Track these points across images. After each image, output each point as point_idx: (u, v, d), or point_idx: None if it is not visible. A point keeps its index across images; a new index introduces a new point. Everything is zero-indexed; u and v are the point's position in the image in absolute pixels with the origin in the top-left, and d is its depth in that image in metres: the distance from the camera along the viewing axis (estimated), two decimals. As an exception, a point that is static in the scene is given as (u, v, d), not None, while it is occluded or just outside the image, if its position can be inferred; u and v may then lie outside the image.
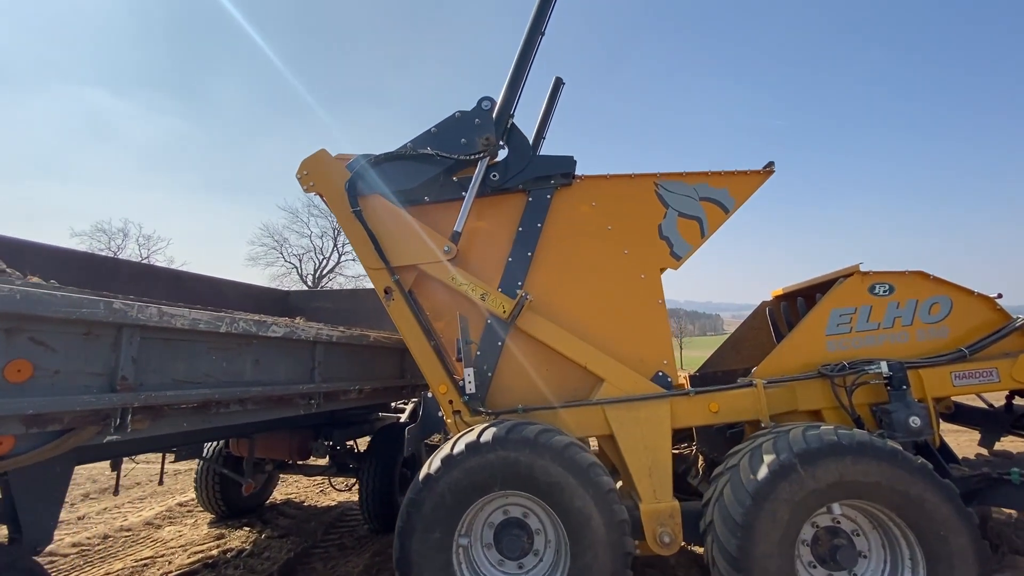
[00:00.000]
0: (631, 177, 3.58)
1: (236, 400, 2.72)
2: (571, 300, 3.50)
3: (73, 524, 5.11)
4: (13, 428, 1.79)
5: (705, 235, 3.51)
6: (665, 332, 3.47)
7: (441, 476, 2.75)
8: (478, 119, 3.50)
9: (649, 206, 3.53)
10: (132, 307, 2.11)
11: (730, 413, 3.31)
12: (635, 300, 3.47)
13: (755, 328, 4.91)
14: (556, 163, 3.57)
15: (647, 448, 3.19)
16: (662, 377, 3.40)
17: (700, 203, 3.53)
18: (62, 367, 1.91)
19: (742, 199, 3.56)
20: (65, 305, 1.87)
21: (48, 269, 3.83)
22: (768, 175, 3.61)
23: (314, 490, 6.46)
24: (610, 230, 3.54)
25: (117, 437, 2.15)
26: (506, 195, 3.60)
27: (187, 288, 5.37)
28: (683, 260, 3.51)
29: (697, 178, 3.55)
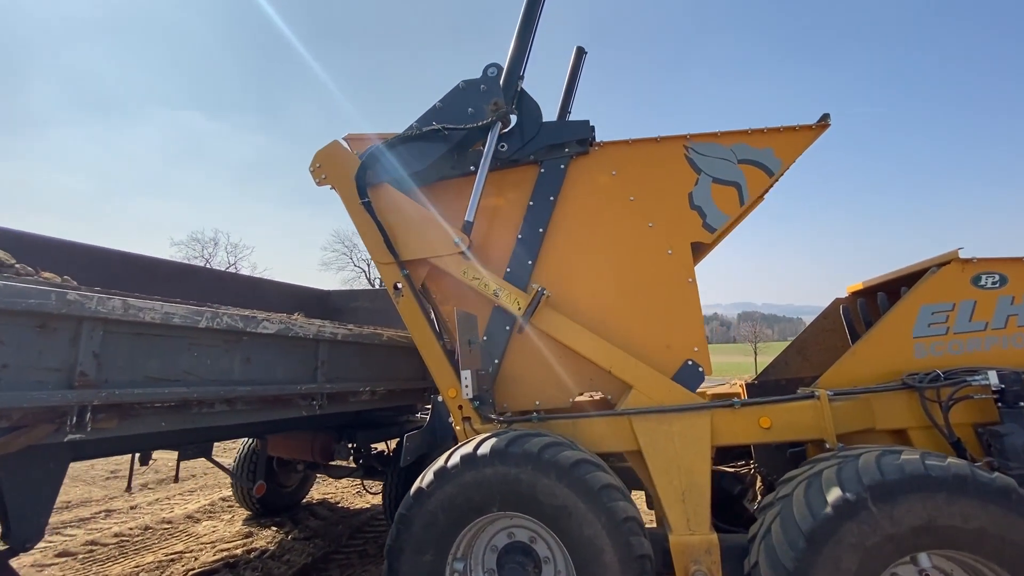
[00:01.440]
0: (657, 141, 3.11)
1: (221, 400, 2.58)
2: (588, 280, 3.11)
3: (124, 513, 5.35)
4: (-48, 424, 1.70)
5: (745, 203, 2.99)
6: (696, 314, 2.97)
7: (434, 491, 2.45)
8: (484, 85, 3.18)
9: (678, 172, 3.05)
10: (91, 299, 1.99)
11: (785, 430, 2.75)
12: (661, 279, 3.01)
13: (826, 329, 4.21)
14: (570, 129, 3.18)
15: (681, 469, 2.71)
16: (692, 367, 2.91)
17: (738, 166, 3.00)
18: (11, 361, 1.80)
19: (790, 159, 3.00)
20: (8, 295, 1.76)
21: (89, 268, 3.99)
22: (822, 130, 3.01)
23: (351, 491, 6.42)
24: (633, 201, 3.09)
25: (79, 436, 2.03)
26: (517, 168, 3.25)
27: (227, 288, 5.46)
28: (718, 232, 3.01)
29: (735, 138, 3.03)
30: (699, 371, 2.91)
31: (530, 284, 3.12)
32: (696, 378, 2.91)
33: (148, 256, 4.60)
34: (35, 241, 3.70)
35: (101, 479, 6.87)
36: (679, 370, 2.93)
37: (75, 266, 3.81)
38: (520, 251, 3.17)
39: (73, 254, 3.95)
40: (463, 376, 2.68)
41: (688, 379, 2.91)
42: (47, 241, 3.79)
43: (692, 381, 2.91)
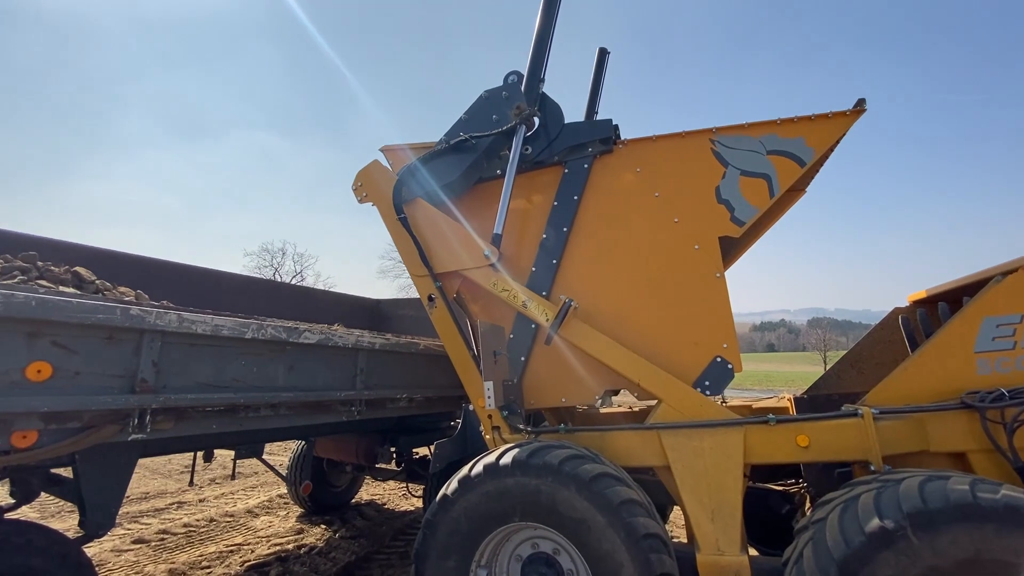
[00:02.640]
0: (682, 136, 3.07)
1: (266, 405, 2.78)
2: (613, 278, 3.10)
3: (193, 506, 5.82)
4: (34, 424, 1.94)
5: (775, 194, 2.88)
6: (724, 310, 2.88)
7: (457, 499, 2.52)
8: (506, 92, 3.28)
9: (704, 166, 2.99)
10: (151, 313, 2.22)
11: (825, 450, 2.60)
12: (688, 274, 2.95)
13: (883, 341, 3.94)
14: (593, 128, 3.21)
15: (711, 487, 2.63)
16: (720, 364, 2.81)
17: (768, 158, 2.89)
18: (82, 369, 2.05)
19: (823, 147, 2.86)
20: (80, 311, 2.00)
21: (164, 282, 4.41)
22: (857, 115, 2.84)
23: (397, 493, 6.63)
24: (658, 197, 3.06)
25: (141, 436, 2.27)
26: (542, 170, 3.32)
27: (282, 298, 5.84)
28: (747, 225, 2.91)
29: (763, 129, 2.93)
30: (728, 368, 2.82)
31: (555, 292, 3.15)
32: (725, 375, 2.82)
33: (215, 270, 5.02)
34: (115, 258, 4.13)
35: (176, 473, 7.49)
36: (707, 367, 2.85)
37: (151, 280, 4.25)
38: (545, 251, 3.21)
39: (148, 269, 4.37)
40: (486, 387, 2.74)
41: (716, 377, 2.83)
42: (126, 258, 4.23)
43: (721, 379, 2.83)
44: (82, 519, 2.65)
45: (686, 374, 2.86)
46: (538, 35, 3.29)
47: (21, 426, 1.91)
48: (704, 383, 2.83)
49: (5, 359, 1.85)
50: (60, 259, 3.26)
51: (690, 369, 2.86)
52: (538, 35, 3.29)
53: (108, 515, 2.67)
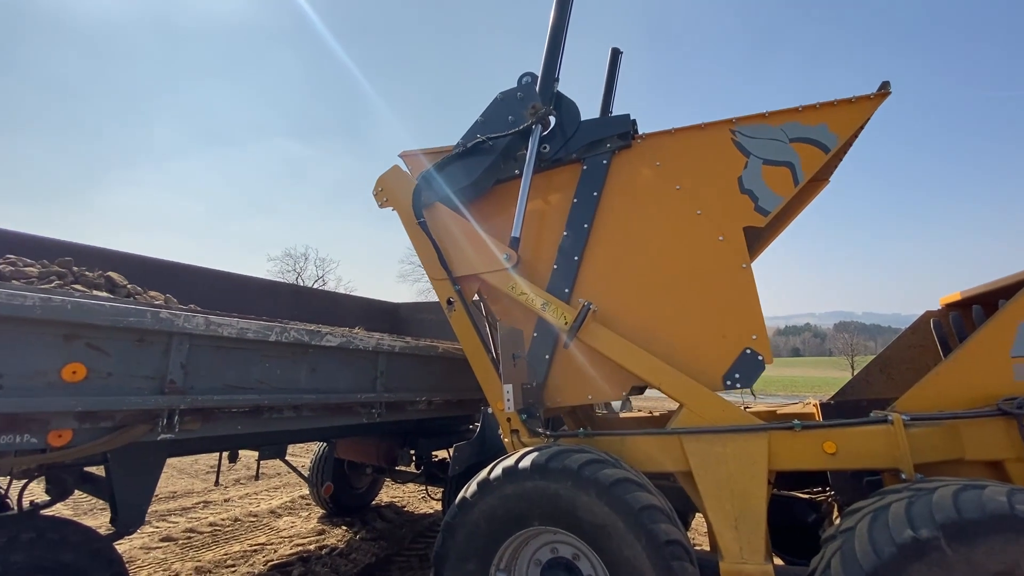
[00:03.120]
0: (701, 128, 3.04)
1: (289, 406, 2.83)
2: (637, 272, 3.07)
3: (218, 505, 5.94)
4: (69, 423, 2.01)
5: (799, 182, 2.83)
6: (752, 301, 2.82)
7: (476, 502, 2.52)
8: (521, 93, 3.31)
9: (725, 157, 2.95)
10: (179, 316, 2.28)
11: (853, 457, 2.53)
12: (714, 266, 2.90)
13: (914, 345, 3.82)
14: (610, 124, 3.21)
15: (734, 494, 2.58)
16: (750, 356, 2.75)
17: (791, 146, 2.85)
18: (115, 370, 2.11)
19: (847, 133, 2.80)
20: (113, 314, 2.06)
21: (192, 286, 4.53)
22: (882, 99, 2.77)
23: (418, 496, 6.67)
24: (679, 190, 3.04)
25: (169, 436, 2.33)
26: (560, 168, 3.32)
27: (305, 301, 5.95)
28: (772, 215, 2.86)
29: (784, 117, 2.88)
30: (759, 360, 2.76)
31: (577, 289, 3.14)
32: (755, 367, 2.76)
33: (240, 274, 5.14)
34: (145, 263, 4.26)
35: (202, 473, 7.67)
36: (737, 360, 2.79)
37: (180, 284, 4.38)
38: (565, 249, 3.20)
39: (177, 274, 4.50)
40: (505, 390, 2.74)
41: (747, 369, 2.77)
42: (155, 263, 4.36)
43: (751, 371, 2.77)
44: (113, 516, 2.74)
45: (715, 367, 2.81)
46: (552, 34, 3.31)
47: (57, 425, 1.98)
48: (734, 376, 2.78)
49: (42, 360, 1.92)
50: (94, 264, 3.38)
51: (719, 362, 2.81)
52: (552, 34, 3.31)
53: (138, 513, 2.76)
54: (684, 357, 2.88)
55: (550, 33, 3.33)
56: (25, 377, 1.87)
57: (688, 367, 2.86)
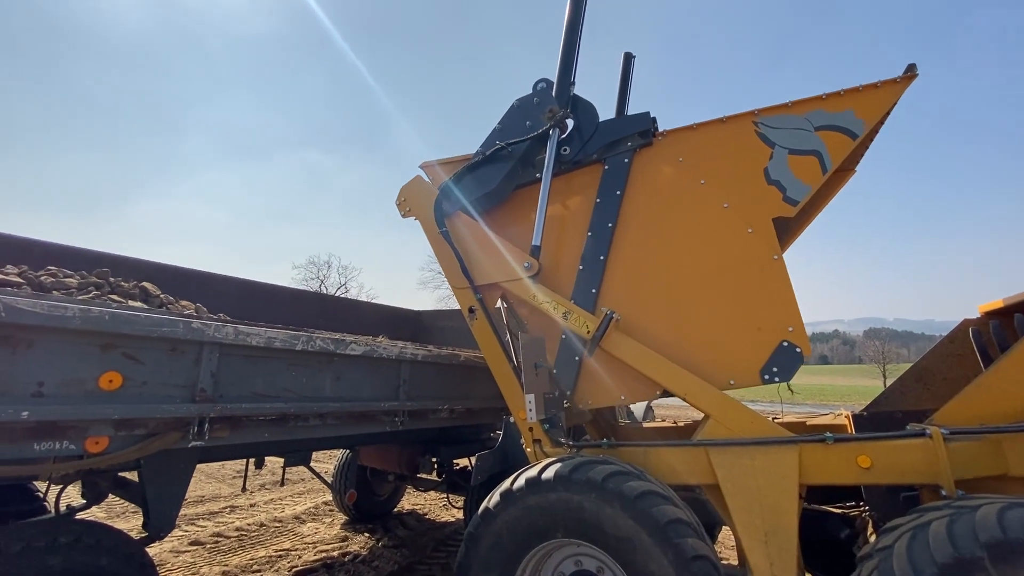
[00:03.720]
0: (723, 121, 3.00)
1: (315, 415, 2.86)
2: (665, 269, 3.03)
3: (244, 510, 6.04)
4: (105, 430, 2.08)
5: (827, 170, 2.77)
6: (787, 292, 2.76)
7: (499, 512, 2.51)
8: (537, 98, 3.33)
9: (750, 149, 2.91)
10: (210, 326, 2.34)
11: (889, 472, 2.44)
12: (745, 259, 2.85)
13: (953, 355, 3.67)
14: (630, 123, 3.19)
15: (764, 508, 2.51)
16: (788, 348, 2.68)
17: (816, 134, 2.80)
18: (149, 379, 2.18)
19: (873, 118, 2.74)
20: (148, 324, 2.13)
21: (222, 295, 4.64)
22: (908, 82, 2.72)
23: (439, 504, 6.67)
24: (704, 185, 3.00)
25: (199, 443, 2.38)
26: (581, 170, 3.31)
27: (329, 309, 6.05)
28: (801, 204, 2.81)
29: (808, 105, 2.84)
30: (796, 352, 2.68)
31: (604, 289, 3.11)
32: (794, 360, 2.68)
33: (267, 283, 5.26)
34: (176, 273, 4.39)
35: (229, 477, 7.81)
36: (773, 353, 2.71)
37: (209, 293, 4.50)
38: (591, 248, 3.17)
39: (206, 283, 4.62)
40: (527, 400, 2.72)
41: (785, 362, 2.70)
42: (186, 272, 4.48)
43: (789, 364, 2.69)
44: (145, 521, 2.80)
45: (752, 362, 2.74)
46: (566, 37, 3.33)
47: (95, 432, 2.04)
48: (772, 370, 2.71)
49: (81, 369, 1.99)
50: (129, 274, 3.49)
51: (755, 357, 2.74)
52: (566, 37, 3.33)
53: (169, 518, 2.81)
54: (719, 353, 2.83)
55: (564, 36, 3.34)
56: (65, 385, 1.94)
57: (724, 363, 2.80)
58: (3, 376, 1.81)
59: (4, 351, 1.82)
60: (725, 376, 2.79)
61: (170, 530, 2.84)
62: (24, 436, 1.89)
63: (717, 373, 2.81)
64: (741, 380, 2.76)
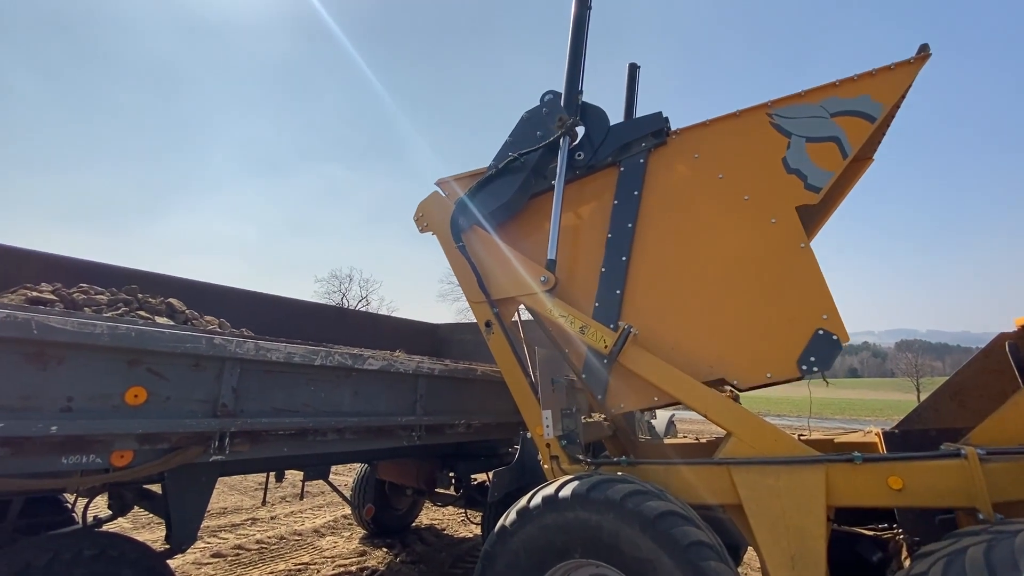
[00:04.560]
0: (736, 115, 2.99)
1: (333, 429, 2.88)
2: (689, 266, 3.00)
3: (265, 523, 6.09)
4: (130, 444, 2.12)
5: (848, 155, 2.73)
6: (817, 280, 2.70)
7: (516, 531, 2.47)
8: (546, 108, 3.36)
9: (765, 140, 2.89)
10: (231, 342, 2.38)
11: (923, 494, 2.34)
12: (770, 250, 2.80)
13: (989, 371, 3.52)
14: (643, 124, 3.20)
15: (789, 530, 2.43)
16: (823, 336, 2.60)
17: (833, 121, 2.77)
18: (172, 394, 2.22)
19: (891, 101, 2.71)
20: (172, 341, 2.18)
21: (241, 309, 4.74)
22: (922, 62, 2.68)
23: (456, 519, 6.63)
24: (722, 179, 2.97)
25: (220, 457, 2.42)
26: (597, 174, 3.32)
27: (348, 323, 6.13)
28: (824, 191, 2.77)
29: (822, 93, 2.81)
30: (833, 340, 2.60)
31: (629, 292, 3.08)
32: (831, 348, 2.60)
33: (288, 297, 5.36)
34: (200, 288, 4.50)
35: (251, 490, 7.90)
36: (809, 343, 2.64)
37: (232, 308, 4.59)
38: (612, 249, 3.15)
39: (228, 298, 4.73)
40: (544, 416, 2.71)
41: (822, 351, 2.62)
42: (210, 287, 4.60)
43: (827, 352, 2.62)
44: (168, 533, 2.84)
45: (787, 354, 2.68)
46: (572, 47, 3.35)
47: (120, 446, 2.09)
48: (809, 360, 2.63)
49: (108, 384, 2.05)
50: (156, 290, 3.60)
51: (791, 348, 2.68)
52: (572, 47, 3.35)
53: (191, 530, 2.85)
54: (753, 347, 2.78)
55: (570, 45, 3.37)
56: (92, 400, 2.00)
57: (759, 357, 2.75)
58: (34, 391, 1.87)
59: (35, 367, 1.88)
60: (762, 370, 2.74)
61: (192, 542, 2.87)
62: (52, 450, 1.94)
63: (753, 367, 2.76)
64: (778, 373, 2.70)
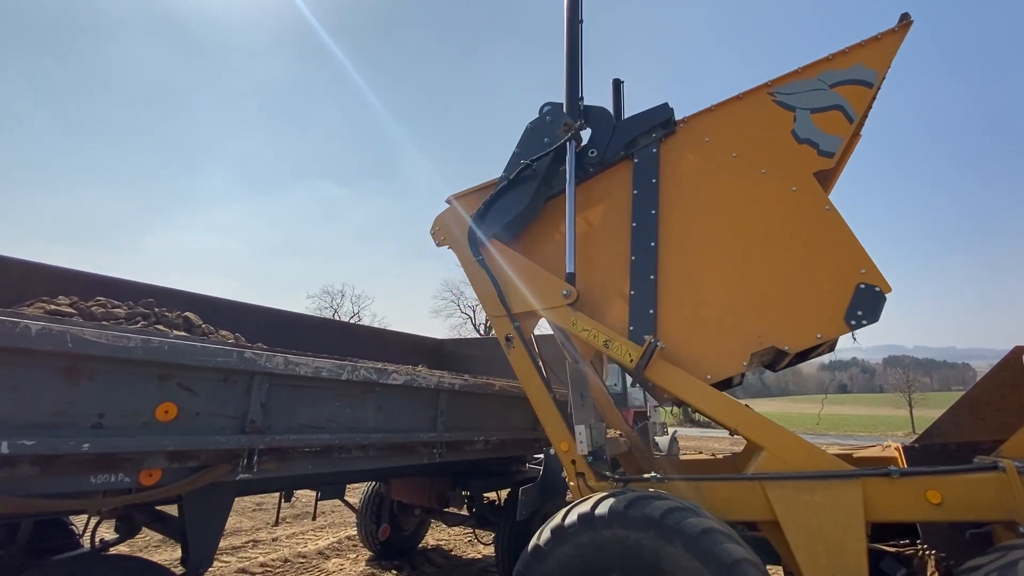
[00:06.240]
0: (739, 98, 3.14)
1: (357, 446, 2.82)
2: (721, 242, 3.07)
3: (267, 544, 5.91)
4: (160, 462, 2.05)
5: (854, 120, 2.88)
6: (848, 237, 2.79)
7: (551, 551, 2.41)
8: (549, 117, 3.45)
9: (772, 117, 3.03)
10: (261, 356, 2.33)
11: (962, 508, 2.33)
12: (796, 216, 2.91)
13: (1006, 384, 3.54)
14: (649, 116, 3.30)
15: (828, 546, 2.40)
16: (866, 290, 2.67)
17: (833, 91, 2.93)
18: (202, 409, 2.16)
19: (883, 66, 2.89)
20: (203, 355, 2.12)
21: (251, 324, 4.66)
22: (906, 29, 2.88)
23: (463, 540, 6.48)
24: (736, 158, 3.09)
25: (248, 476, 2.35)
26: (609, 171, 3.39)
27: (354, 338, 6.05)
28: (837, 155, 2.89)
29: (818, 68, 2.99)
30: (876, 291, 2.67)
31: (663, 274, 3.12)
32: (876, 300, 2.67)
33: (296, 312, 5.29)
34: (211, 303, 4.43)
35: (249, 510, 7.69)
36: (853, 297, 2.70)
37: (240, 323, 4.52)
38: (639, 238, 3.20)
39: (242, 312, 4.67)
40: (577, 432, 2.66)
41: (867, 304, 2.68)
42: (220, 302, 4.53)
43: (873, 305, 2.67)
44: (184, 556, 2.73)
45: (834, 312, 2.73)
46: (568, 58, 3.45)
47: (149, 465, 2.02)
48: (856, 314, 2.69)
49: (138, 400, 1.98)
50: (167, 304, 3.52)
51: (836, 306, 2.73)
52: (568, 58, 3.45)
53: (209, 553, 2.75)
54: (799, 311, 2.83)
55: (567, 56, 3.46)
56: (123, 416, 1.93)
57: (807, 320, 2.81)
58: (65, 407, 1.81)
59: (67, 382, 1.81)
60: (812, 332, 2.80)
61: (208, 566, 2.76)
62: (81, 469, 1.87)
63: (804, 330, 2.82)
64: (828, 331, 2.76)
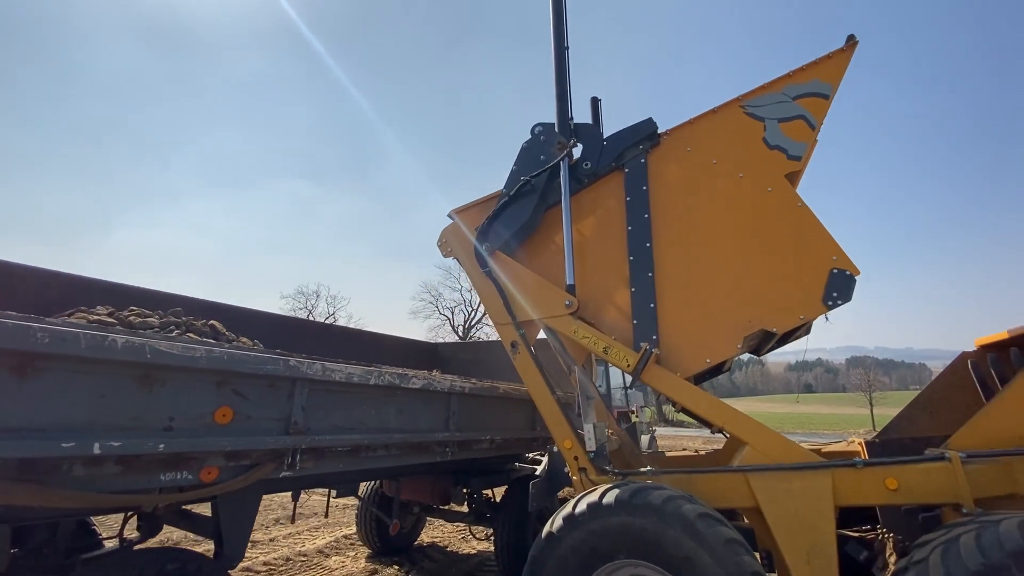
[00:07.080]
0: (714, 111, 3.56)
1: (382, 445, 3.06)
2: (708, 239, 3.44)
3: (266, 545, 6.04)
4: (218, 461, 2.27)
5: (815, 127, 3.32)
6: (819, 229, 3.19)
7: (563, 536, 2.70)
8: (543, 136, 3.78)
9: (744, 127, 3.44)
10: (303, 364, 2.56)
11: (915, 492, 2.72)
12: (773, 213, 3.31)
13: (954, 386, 4.00)
14: (636, 130, 3.66)
15: (804, 527, 2.75)
16: (839, 274, 3.07)
17: (796, 102, 3.37)
18: (253, 413, 2.38)
19: (836, 80, 3.35)
20: (256, 363, 2.34)
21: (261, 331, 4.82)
22: (852, 48, 3.35)
23: (457, 536, 6.72)
24: (716, 164, 3.49)
25: (290, 473, 2.57)
26: (602, 182, 3.74)
27: (355, 343, 6.23)
28: (804, 158, 3.32)
29: (781, 83, 3.42)
30: (847, 275, 3.08)
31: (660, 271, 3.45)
32: (847, 282, 3.07)
33: (298, 318, 5.47)
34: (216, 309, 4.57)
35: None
36: (828, 282, 3.10)
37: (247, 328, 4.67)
38: (635, 240, 3.54)
39: (252, 320, 4.81)
40: (586, 430, 2.96)
41: (840, 286, 3.08)
42: (235, 310, 4.69)
43: (845, 286, 3.08)
44: (218, 551, 2.92)
45: (811, 296, 3.11)
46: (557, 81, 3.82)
47: (210, 464, 2.23)
48: (832, 295, 3.08)
49: (200, 404, 2.19)
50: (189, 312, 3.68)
51: (813, 290, 3.12)
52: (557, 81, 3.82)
53: (241, 547, 2.94)
54: (781, 299, 3.20)
55: (555, 80, 3.83)
56: (189, 420, 2.14)
57: (788, 306, 3.18)
58: (141, 411, 2.01)
59: (143, 389, 2.02)
60: (795, 315, 3.19)
61: (240, 560, 2.95)
62: (154, 467, 2.08)
63: (788, 313, 3.20)
64: (809, 313, 3.16)
